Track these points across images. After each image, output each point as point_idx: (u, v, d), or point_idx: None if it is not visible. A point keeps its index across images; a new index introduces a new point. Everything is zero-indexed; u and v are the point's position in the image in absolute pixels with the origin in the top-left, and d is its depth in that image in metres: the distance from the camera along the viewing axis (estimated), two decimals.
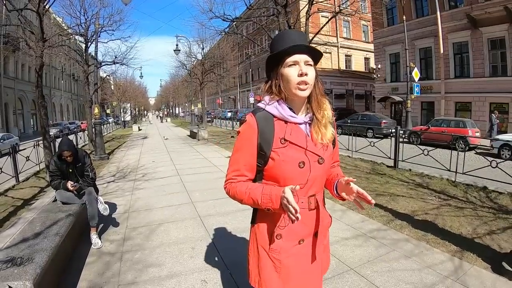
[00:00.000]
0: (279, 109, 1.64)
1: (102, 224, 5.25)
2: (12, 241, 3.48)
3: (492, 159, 7.52)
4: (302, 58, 1.57)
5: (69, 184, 4.78)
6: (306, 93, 1.61)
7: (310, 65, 1.60)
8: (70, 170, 4.93)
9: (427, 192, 7.27)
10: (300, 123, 1.69)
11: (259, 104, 1.73)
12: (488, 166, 7.40)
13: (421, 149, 9.03)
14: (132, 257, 4.33)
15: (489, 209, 6.01)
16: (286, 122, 1.65)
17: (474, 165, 8.07)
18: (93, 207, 4.71)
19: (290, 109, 1.67)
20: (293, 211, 1.38)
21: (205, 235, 5.02)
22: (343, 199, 1.72)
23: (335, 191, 1.76)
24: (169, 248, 4.59)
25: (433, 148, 9.13)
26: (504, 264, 3.78)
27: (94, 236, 4.68)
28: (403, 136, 11.12)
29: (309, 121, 1.72)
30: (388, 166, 9.94)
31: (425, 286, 3.49)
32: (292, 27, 11.57)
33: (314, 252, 1.76)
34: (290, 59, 1.57)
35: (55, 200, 5.08)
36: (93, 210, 4.69)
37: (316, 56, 1.64)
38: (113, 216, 5.88)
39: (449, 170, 8.32)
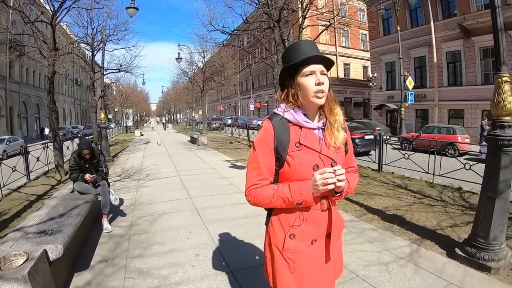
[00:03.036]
0: (295, 115, 1.73)
1: (112, 214, 5.97)
2: (41, 219, 4.25)
3: (466, 162, 8.12)
4: (318, 68, 1.67)
5: (88, 176, 5.62)
6: (322, 101, 1.70)
7: (325, 74, 1.70)
8: (87, 166, 5.77)
9: (404, 192, 7.89)
10: (314, 128, 1.76)
11: (276, 111, 1.82)
12: (462, 168, 8.02)
13: (402, 153, 9.76)
14: (138, 238, 5.14)
15: (459, 207, 6.61)
16: (300, 127, 1.74)
17: (454, 169, 8.64)
18: (105, 197, 5.52)
19: (305, 115, 1.75)
20: (331, 178, 1.55)
21: (200, 223, 5.83)
22: (339, 198, 1.78)
23: (333, 194, 1.75)
24: (169, 232, 5.40)
25: (413, 152, 9.83)
26: (456, 249, 4.37)
27: (105, 222, 5.47)
28: (387, 142, 11.72)
29: (322, 127, 1.79)
30: (373, 170, 10.61)
31: (381, 263, 4.19)
32: (286, 39, 12.27)
33: (328, 252, 1.81)
34: (307, 69, 1.66)
35: (72, 191, 5.90)
36: (105, 199, 5.50)
37: (328, 65, 1.73)
38: (120, 208, 6.64)
39: (427, 173, 8.99)
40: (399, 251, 4.58)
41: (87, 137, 16.05)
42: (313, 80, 1.66)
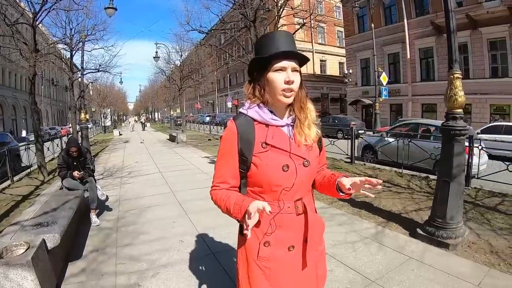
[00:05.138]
0: (260, 112, 1.63)
1: (98, 210, 6.22)
2: (36, 214, 4.59)
3: (432, 152, 8.63)
4: (289, 64, 1.55)
5: (76, 173, 5.96)
6: (289, 100, 1.60)
7: (297, 71, 1.59)
8: (75, 163, 6.09)
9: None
10: (282, 126, 1.66)
11: (240, 110, 1.72)
12: (429, 158, 8.56)
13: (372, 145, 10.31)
14: (126, 229, 5.51)
15: (425, 193, 7.11)
16: (267, 125, 1.63)
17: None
18: (93, 192, 5.85)
19: (272, 112, 1.64)
20: (246, 224, 1.40)
21: (183, 214, 6.26)
22: (348, 196, 1.72)
23: (339, 192, 1.70)
24: (154, 222, 5.80)
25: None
26: (418, 230, 4.85)
27: (93, 216, 5.80)
28: (359, 136, 12.26)
29: (291, 123, 1.68)
30: (346, 162, 11.14)
31: (348, 242, 4.67)
32: None
33: (304, 259, 1.71)
34: (278, 65, 1.54)
35: (61, 188, 6.22)
36: (93, 194, 5.83)
37: (303, 61, 1.63)
38: (106, 204, 6.93)
39: (397, 163, 9.51)
40: (365, 232, 5.07)
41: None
42: (283, 77, 1.54)
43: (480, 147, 7.58)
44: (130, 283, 3.73)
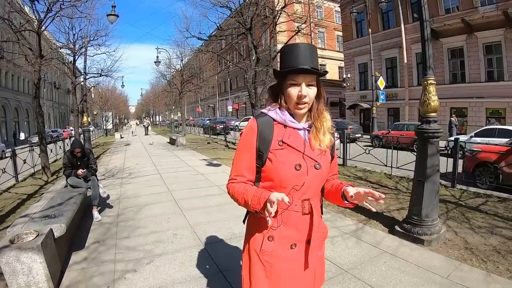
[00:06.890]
0: (280, 114, 1.72)
1: (100, 207, 6.68)
2: (43, 208, 5.02)
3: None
4: (303, 79, 1.63)
5: (80, 171, 6.43)
6: (303, 111, 1.70)
7: (312, 84, 1.66)
8: (79, 163, 6.57)
9: (363, 183, 8.74)
10: (299, 129, 1.74)
11: (262, 110, 1.81)
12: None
13: (363, 148, 10.68)
14: (125, 224, 5.96)
15: (410, 194, 7.36)
16: (285, 126, 1.72)
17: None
18: (95, 190, 6.31)
19: (291, 115, 1.73)
20: (268, 212, 1.45)
21: (178, 211, 6.70)
22: (352, 205, 1.80)
23: (344, 200, 1.76)
24: (151, 218, 6.25)
25: (372, 147, 10.72)
26: (396, 227, 5.18)
27: (95, 212, 6.25)
28: (352, 139, 12.65)
29: (308, 128, 1.76)
30: (338, 164, 11.31)
31: (327, 237, 5.02)
32: (257, 45, 12.94)
33: (306, 259, 1.76)
34: (292, 80, 1.64)
35: (66, 186, 6.66)
36: (95, 192, 6.29)
37: (320, 74, 1.69)
38: (107, 202, 7.39)
39: (386, 165, 9.85)
40: (345, 228, 5.42)
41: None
42: (296, 91, 1.64)
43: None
44: (127, 269, 4.16)
